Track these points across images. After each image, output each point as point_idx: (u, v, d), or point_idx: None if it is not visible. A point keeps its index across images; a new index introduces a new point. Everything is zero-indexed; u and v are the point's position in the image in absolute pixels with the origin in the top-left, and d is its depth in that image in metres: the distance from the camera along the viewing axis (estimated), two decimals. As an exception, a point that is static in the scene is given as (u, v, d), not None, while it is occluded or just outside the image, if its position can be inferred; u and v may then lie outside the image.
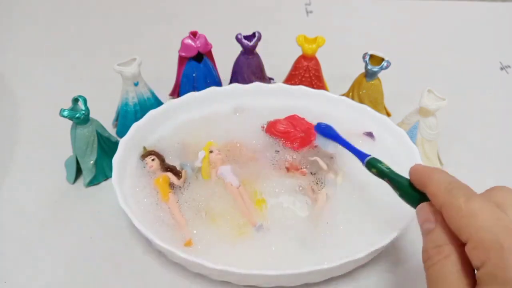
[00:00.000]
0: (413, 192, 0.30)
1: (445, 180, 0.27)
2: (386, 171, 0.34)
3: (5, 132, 0.52)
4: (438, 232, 0.26)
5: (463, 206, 0.25)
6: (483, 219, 0.24)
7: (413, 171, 0.30)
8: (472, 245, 0.24)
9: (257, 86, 0.50)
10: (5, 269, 0.38)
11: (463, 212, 0.25)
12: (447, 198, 0.26)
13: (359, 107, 0.47)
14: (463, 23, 0.74)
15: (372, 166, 0.35)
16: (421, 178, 0.29)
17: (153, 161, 0.42)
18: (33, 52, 0.66)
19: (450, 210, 0.25)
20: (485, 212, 0.24)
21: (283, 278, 0.34)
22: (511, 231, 0.23)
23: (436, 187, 0.27)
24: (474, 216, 0.24)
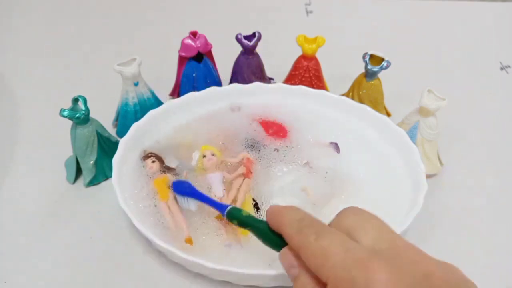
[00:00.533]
0: (274, 237, 0.29)
1: (295, 219, 0.27)
2: (246, 219, 0.32)
3: (5, 132, 0.52)
4: (303, 276, 0.26)
5: (313, 246, 0.25)
6: (334, 256, 0.23)
7: (268, 213, 0.29)
8: (331, 285, 0.23)
9: (257, 86, 0.50)
10: (5, 269, 0.38)
11: (315, 252, 0.24)
12: (299, 240, 0.26)
13: (359, 107, 0.47)
14: (463, 23, 0.74)
15: (233, 217, 0.33)
16: (276, 220, 0.28)
17: (153, 163, 0.42)
18: (33, 52, 0.66)
19: (304, 252, 0.25)
20: (335, 249, 0.24)
21: (283, 278, 0.34)
22: (361, 264, 0.23)
23: (288, 228, 0.27)
24: (326, 254, 0.24)
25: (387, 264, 0.22)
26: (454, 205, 0.45)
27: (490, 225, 0.43)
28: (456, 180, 0.47)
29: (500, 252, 0.41)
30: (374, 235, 0.25)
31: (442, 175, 0.47)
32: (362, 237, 0.25)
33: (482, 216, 0.44)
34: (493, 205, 0.45)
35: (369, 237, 0.25)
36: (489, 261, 0.40)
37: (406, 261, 0.23)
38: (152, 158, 0.43)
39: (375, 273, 0.22)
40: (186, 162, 0.43)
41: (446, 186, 0.46)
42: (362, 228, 0.25)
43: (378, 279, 0.22)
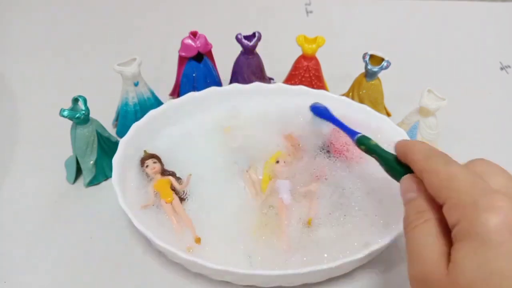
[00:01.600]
0: (398, 167, 0.31)
1: (426, 148, 0.29)
2: (373, 147, 0.35)
3: (5, 132, 0.52)
4: (419, 200, 0.27)
5: (441, 170, 0.26)
6: (460, 181, 0.25)
7: (398, 145, 0.31)
8: (448, 205, 0.25)
9: (257, 86, 0.50)
10: (5, 269, 0.38)
11: (441, 175, 0.26)
12: (427, 164, 0.27)
13: (359, 107, 0.47)
14: (463, 23, 0.74)
15: (361, 143, 0.36)
16: (404, 149, 0.30)
17: (155, 164, 0.42)
18: (33, 52, 0.66)
19: (429, 175, 0.27)
20: (462, 176, 0.25)
21: (283, 278, 0.34)
22: (485, 192, 0.24)
23: (416, 155, 0.28)
24: (452, 179, 0.25)
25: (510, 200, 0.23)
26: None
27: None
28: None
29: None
30: (503, 182, 0.26)
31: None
32: (491, 181, 0.25)
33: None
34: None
35: (497, 182, 0.25)
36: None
37: None
38: (154, 159, 0.42)
39: (498, 201, 0.23)
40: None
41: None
42: (491, 174, 0.26)
43: (501, 206, 0.22)
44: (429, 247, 0.25)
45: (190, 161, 0.43)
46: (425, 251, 0.25)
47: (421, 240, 0.25)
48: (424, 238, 0.25)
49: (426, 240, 0.25)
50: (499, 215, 0.22)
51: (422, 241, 0.25)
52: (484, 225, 0.22)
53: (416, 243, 0.26)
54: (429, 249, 0.25)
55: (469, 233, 0.23)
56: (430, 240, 0.25)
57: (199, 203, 0.40)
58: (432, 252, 0.25)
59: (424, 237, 0.25)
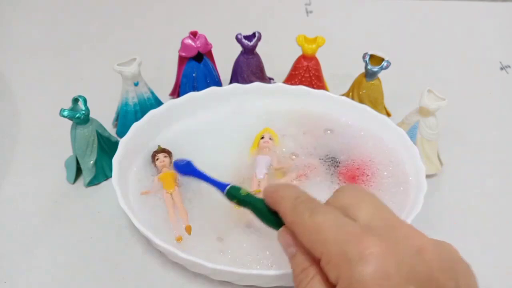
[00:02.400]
0: (272, 216, 0.29)
1: (292, 196, 0.27)
2: (243, 197, 0.32)
3: (5, 132, 0.52)
4: (300, 255, 0.26)
5: (307, 222, 0.25)
6: (328, 232, 0.23)
7: (265, 191, 0.29)
8: (324, 261, 0.23)
9: (257, 86, 0.50)
10: (5, 269, 0.38)
11: (309, 228, 0.24)
12: (293, 216, 0.26)
13: (359, 107, 0.47)
14: (463, 23, 0.74)
15: (232, 196, 0.33)
16: (272, 197, 0.28)
17: (165, 158, 0.43)
18: (33, 52, 0.66)
19: (298, 228, 0.25)
20: (329, 224, 0.24)
21: (283, 278, 0.34)
22: (355, 239, 0.22)
23: (284, 206, 0.27)
24: (319, 230, 0.24)
25: (380, 239, 0.22)
26: (454, 205, 0.45)
27: (490, 225, 0.43)
28: (456, 180, 0.47)
29: (500, 252, 0.41)
30: (370, 212, 0.25)
31: (442, 175, 0.47)
32: (358, 214, 0.24)
33: (482, 216, 0.44)
34: (493, 205, 0.45)
35: (364, 214, 0.24)
36: (489, 261, 0.40)
37: (399, 236, 0.23)
38: (165, 154, 0.43)
39: (368, 247, 0.22)
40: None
41: (446, 186, 0.46)
42: (358, 205, 0.25)
43: (371, 252, 0.22)
44: None
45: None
46: None
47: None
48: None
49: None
50: (370, 265, 0.21)
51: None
52: (361, 281, 0.21)
53: None
54: None
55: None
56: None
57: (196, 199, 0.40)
58: None
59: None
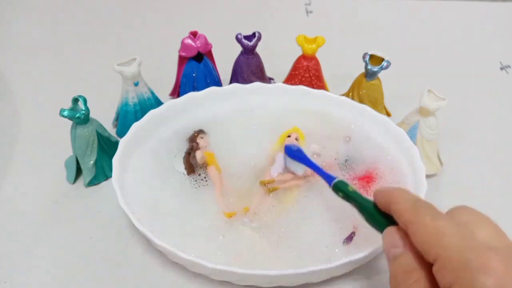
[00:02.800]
0: (380, 217, 0.29)
1: (410, 198, 0.27)
2: (352, 194, 0.32)
3: (5, 132, 0.52)
4: (406, 257, 0.26)
5: (429, 224, 0.24)
6: (450, 237, 0.23)
7: (377, 192, 0.29)
8: (439, 265, 0.23)
9: (257, 86, 0.50)
10: (5, 269, 0.38)
11: (429, 230, 0.24)
12: (413, 216, 0.25)
13: (359, 107, 0.47)
14: (463, 23, 0.74)
15: (339, 190, 0.34)
16: (386, 198, 0.28)
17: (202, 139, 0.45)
18: (33, 52, 0.66)
19: (416, 228, 0.25)
20: (451, 231, 0.24)
21: (283, 278, 0.34)
22: (478, 250, 0.22)
23: (401, 205, 0.27)
24: (441, 234, 0.24)
25: (503, 259, 0.22)
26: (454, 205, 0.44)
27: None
28: (456, 180, 0.47)
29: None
30: (490, 233, 0.24)
31: (442, 175, 0.47)
32: (478, 233, 0.24)
33: (482, 216, 0.44)
34: (493, 205, 0.45)
35: (484, 234, 0.24)
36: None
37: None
38: (201, 135, 0.45)
39: (491, 261, 0.22)
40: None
41: (446, 186, 0.46)
42: (477, 224, 0.25)
43: (494, 267, 0.21)
44: None
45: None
46: None
47: None
48: None
49: None
50: (492, 277, 0.21)
51: None
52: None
53: None
54: None
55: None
56: None
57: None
58: None
59: None
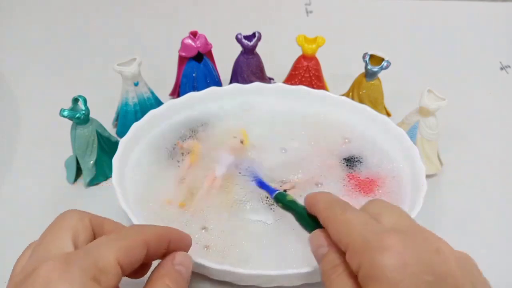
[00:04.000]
0: (310, 220, 0.32)
1: (327, 198, 0.30)
2: (288, 203, 0.35)
3: (5, 132, 0.52)
4: (331, 253, 0.28)
5: (339, 217, 0.27)
6: (355, 226, 0.26)
7: (306, 197, 0.32)
8: (349, 252, 0.25)
9: (257, 86, 0.50)
10: (5, 269, 0.38)
11: (339, 222, 0.27)
12: (327, 213, 0.29)
13: (359, 107, 0.47)
14: (463, 23, 0.74)
15: (278, 201, 0.37)
16: (311, 201, 0.31)
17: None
18: (33, 52, 0.66)
19: (330, 223, 0.28)
20: (356, 220, 0.26)
21: (283, 278, 0.34)
22: (377, 232, 0.24)
23: (320, 205, 0.30)
24: (348, 224, 0.26)
25: (402, 237, 0.24)
26: (454, 205, 0.45)
27: (490, 225, 0.43)
28: (456, 180, 0.47)
29: (501, 252, 0.41)
30: (394, 219, 0.27)
31: (442, 175, 0.47)
32: (383, 220, 0.27)
33: (482, 216, 0.44)
34: (493, 205, 0.45)
35: (389, 220, 0.26)
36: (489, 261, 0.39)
37: (420, 237, 0.25)
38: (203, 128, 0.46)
39: (389, 240, 0.23)
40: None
41: (446, 186, 0.46)
42: (384, 213, 0.27)
43: (392, 243, 0.23)
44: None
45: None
46: None
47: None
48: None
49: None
50: (391, 253, 0.23)
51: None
52: (381, 267, 0.23)
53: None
54: None
55: (369, 276, 0.23)
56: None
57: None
58: None
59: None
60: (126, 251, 0.25)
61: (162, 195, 0.41)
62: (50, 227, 0.28)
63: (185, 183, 0.41)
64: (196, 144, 0.45)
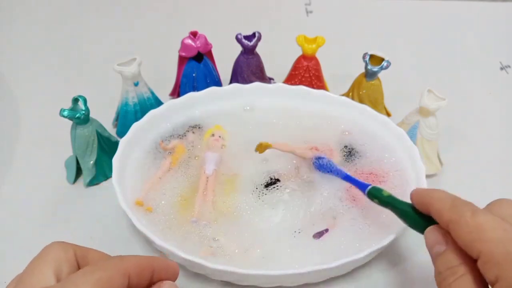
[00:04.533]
0: (417, 217, 0.30)
1: (449, 197, 0.28)
2: (387, 199, 0.33)
3: (5, 132, 0.52)
4: (449, 253, 0.26)
5: (469, 221, 0.25)
6: (491, 231, 0.24)
7: (414, 194, 0.30)
8: (483, 259, 0.24)
9: (257, 86, 0.50)
10: (5, 269, 0.38)
11: (471, 226, 0.25)
12: (453, 215, 0.26)
13: (359, 107, 0.47)
14: (463, 23, 0.74)
15: (374, 196, 0.35)
16: (424, 199, 0.29)
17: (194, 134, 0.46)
18: (33, 52, 0.66)
19: (457, 226, 0.26)
20: (492, 225, 0.24)
21: (283, 278, 0.34)
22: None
23: (440, 205, 0.27)
24: (482, 229, 0.24)
25: None
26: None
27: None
28: (456, 180, 0.47)
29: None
30: None
31: (442, 175, 0.47)
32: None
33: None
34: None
35: None
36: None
37: None
38: (195, 130, 0.46)
39: None
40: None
41: (446, 186, 0.46)
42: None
43: None
44: None
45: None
46: None
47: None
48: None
49: None
50: None
51: None
52: None
53: None
54: None
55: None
56: None
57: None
58: None
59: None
60: (104, 283, 0.24)
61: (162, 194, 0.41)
62: (33, 260, 0.27)
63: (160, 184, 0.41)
64: (180, 145, 0.45)
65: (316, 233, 0.37)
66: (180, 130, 0.46)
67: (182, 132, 0.46)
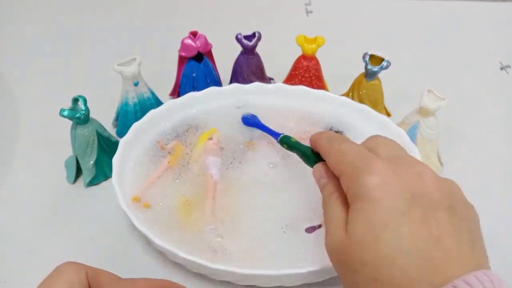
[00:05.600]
0: (313, 156, 0.35)
1: (328, 134, 0.33)
2: (293, 144, 0.38)
3: (5, 132, 0.52)
4: (329, 185, 0.30)
5: (336, 148, 0.30)
6: (348, 155, 0.29)
7: (311, 138, 0.35)
8: (342, 177, 0.28)
9: (257, 86, 0.50)
10: (5, 269, 0.38)
11: (336, 152, 0.30)
12: (327, 146, 0.31)
13: (359, 107, 0.47)
14: (463, 23, 0.74)
15: (284, 142, 0.40)
16: (315, 138, 0.34)
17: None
18: (33, 52, 0.66)
19: (328, 154, 0.31)
20: (350, 150, 0.29)
21: (283, 278, 0.34)
22: (366, 158, 0.27)
23: (322, 142, 0.32)
24: (343, 153, 0.29)
25: (387, 163, 0.27)
26: (454, 205, 0.45)
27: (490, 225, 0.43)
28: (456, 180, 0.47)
29: (501, 252, 0.41)
30: (387, 150, 0.29)
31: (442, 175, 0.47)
32: (378, 151, 0.29)
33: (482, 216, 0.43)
34: (493, 205, 0.45)
35: (383, 151, 0.29)
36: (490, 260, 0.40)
37: (406, 163, 0.27)
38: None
39: (375, 164, 0.26)
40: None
41: (446, 186, 0.46)
42: (379, 146, 0.29)
43: (377, 168, 0.26)
44: (335, 217, 0.28)
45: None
46: (333, 222, 0.28)
47: (330, 214, 0.29)
48: (332, 211, 0.28)
49: (333, 213, 0.28)
50: (376, 175, 0.26)
51: (331, 214, 0.28)
52: (365, 186, 0.26)
53: (328, 217, 0.29)
54: (335, 218, 0.28)
55: (355, 195, 0.26)
56: (337, 211, 0.28)
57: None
58: (337, 220, 0.28)
59: (332, 211, 0.28)
60: None
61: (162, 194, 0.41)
62: (46, 279, 0.28)
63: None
64: (179, 145, 0.44)
65: (310, 227, 0.38)
66: (180, 130, 0.46)
67: (181, 132, 0.46)
